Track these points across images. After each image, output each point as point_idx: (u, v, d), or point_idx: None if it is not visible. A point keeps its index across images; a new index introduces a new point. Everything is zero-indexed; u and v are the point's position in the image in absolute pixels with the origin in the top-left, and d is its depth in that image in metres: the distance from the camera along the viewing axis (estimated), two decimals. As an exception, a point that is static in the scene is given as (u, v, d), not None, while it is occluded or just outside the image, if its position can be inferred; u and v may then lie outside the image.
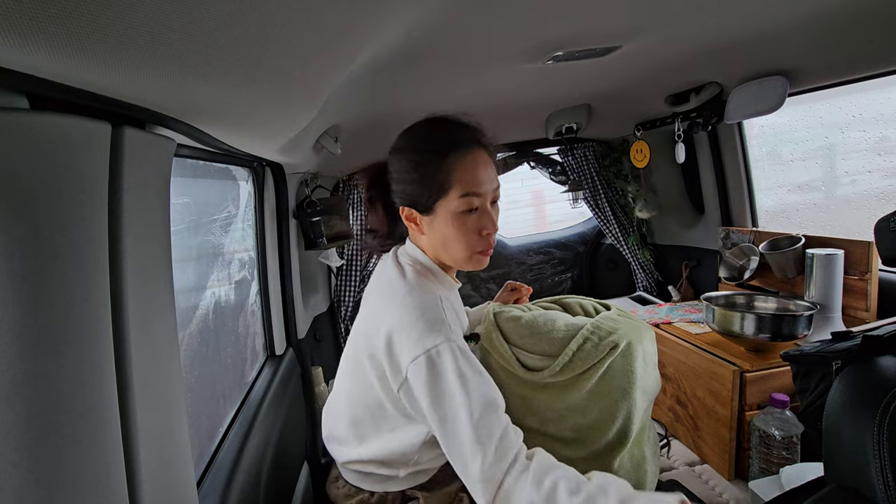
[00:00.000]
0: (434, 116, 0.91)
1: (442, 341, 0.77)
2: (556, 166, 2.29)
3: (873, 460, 0.48)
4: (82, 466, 0.38)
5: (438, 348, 0.77)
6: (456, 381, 0.75)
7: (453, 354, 0.77)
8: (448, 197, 0.84)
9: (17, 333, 0.34)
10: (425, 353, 0.76)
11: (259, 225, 1.39)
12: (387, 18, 0.61)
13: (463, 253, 0.87)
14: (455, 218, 0.84)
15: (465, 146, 0.85)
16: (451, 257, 0.90)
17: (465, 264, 0.90)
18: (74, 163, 0.39)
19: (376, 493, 0.95)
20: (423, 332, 0.78)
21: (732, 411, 1.29)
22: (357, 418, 0.91)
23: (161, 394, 0.51)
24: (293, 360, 1.45)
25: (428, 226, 0.88)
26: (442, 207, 0.85)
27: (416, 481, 0.96)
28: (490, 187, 0.86)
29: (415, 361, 0.77)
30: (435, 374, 0.76)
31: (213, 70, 0.44)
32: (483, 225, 0.86)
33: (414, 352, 0.77)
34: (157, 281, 0.52)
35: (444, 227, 0.85)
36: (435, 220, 0.86)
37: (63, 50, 0.31)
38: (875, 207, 1.46)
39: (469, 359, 0.79)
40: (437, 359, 0.76)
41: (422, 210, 0.87)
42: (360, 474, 0.95)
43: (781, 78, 1.25)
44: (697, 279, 2.08)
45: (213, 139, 0.74)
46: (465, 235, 0.85)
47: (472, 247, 0.87)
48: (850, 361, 0.60)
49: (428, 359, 0.76)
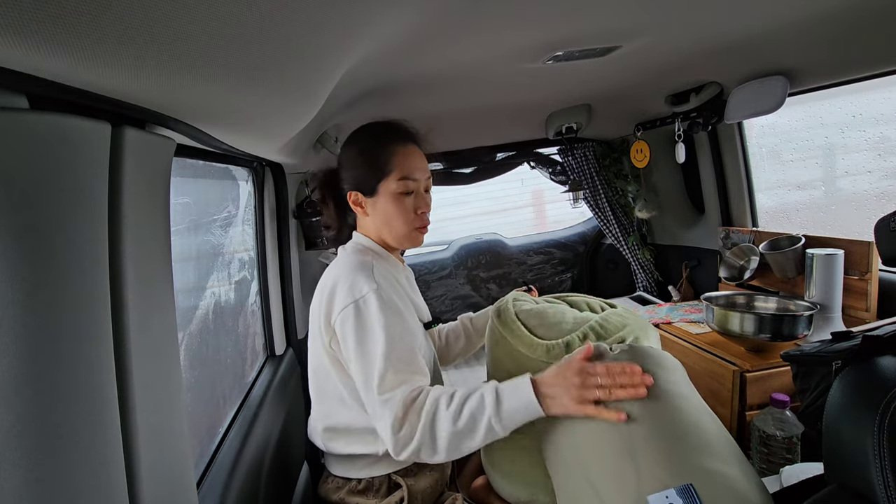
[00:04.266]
0: (380, 119, 1.06)
1: (368, 291, 0.89)
2: (556, 166, 2.29)
3: (873, 460, 0.48)
4: (82, 466, 0.38)
5: (365, 297, 0.89)
6: (378, 324, 0.86)
7: (379, 301, 0.88)
8: (388, 179, 0.98)
9: (17, 333, 0.34)
10: (353, 301, 0.89)
11: (259, 225, 1.40)
12: (387, 18, 0.61)
13: (403, 229, 1.00)
14: (395, 198, 0.98)
15: (403, 140, 1.01)
16: (392, 235, 1.02)
17: (405, 241, 1.03)
18: (74, 163, 0.39)
19: (363, 480, 0.99)
20: (352, 286, 0.90)
21: (732, 411, 1.29)
22: (317, 389, 1.02)
23: (161, 394, 0.51)
24: (293, 360, 1.45)
25: (372, 207, 1.01)
26: (383, 189, 0.98)
27: (400, 464, 0.98)
28: (423, 176, 1.01)
29: (344, 309, 0.89)
30: (360, 319, 0.88)
31: (213, 70, 0.44)
32: (418, 205, 1.01)
33: (344, 301, 0.89)
34: (157, 281, 0.52)
35: (385, 207, 0.99)
36: (378, 201, 1.00)
37: (63, 50, 0.31)
38: (875, 207, 1.46)
39: (391, 308, 0.89)
40: (363, 306, 0.88)
41: (366, 192, 1.00)
42: (345, 460, 0.99)
43: (781, 78, 1.25)
44: (697, 279, 2.08)
45: (213, 139, 0.74)
46: (404, 213, 0.99)
47: (410, 223, 1.00)
48: (850, 361, 0.60)
49: (355, 306, 0.88)
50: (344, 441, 0.98)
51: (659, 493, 0.62)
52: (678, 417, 0.72)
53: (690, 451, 0.67)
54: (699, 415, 0.74)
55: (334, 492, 1.00)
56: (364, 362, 0.86)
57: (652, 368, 0.80)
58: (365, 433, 0.95)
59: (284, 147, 1.09)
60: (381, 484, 0.98)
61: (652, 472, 0.65)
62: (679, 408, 0.74)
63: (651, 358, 0.83)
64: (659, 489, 0.63)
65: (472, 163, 2.20)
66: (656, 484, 0.64)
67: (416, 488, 0.99)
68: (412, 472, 1.00)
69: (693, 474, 0.63)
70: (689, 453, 0.66)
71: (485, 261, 2.48)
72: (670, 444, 0.68)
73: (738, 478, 0.63)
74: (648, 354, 0.84)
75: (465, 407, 0.81)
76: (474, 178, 2.25)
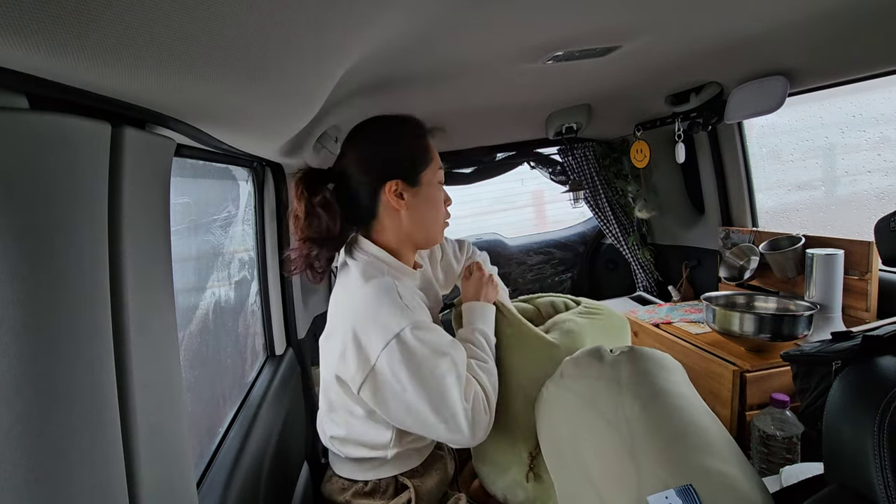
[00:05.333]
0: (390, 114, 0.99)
1: (406, 324, 0.82)
2: (556, 166, 2.29)
3: (873, 460, 0.48)
4: (82, 466, 0.38)
5: (401, 334, 0.81)
6: (431, 355, 0.82)
7: (419, 331, 0.83)
8: (430, 168, 0.94)
9: (17, 333, 0.34)
10: (394, 337, 0.81)
11: (259, 225, 1.39)
12: (387, 18, 0.61)
13: (439, 223, 0.99)
14: (437, 189, 0.96)
15: (428, 132, 0.97)
16: (428, 230, 0.97)
17: (438, 236, 1.00)
18: (74, 163, 0.39)
19: (370, 482, 0.96)
20: (385, 325, 0.82)
21: (732, 411, 1.29)
22: (327, 398, 0.97)
23: (161, 394, 0.51)
24: (293, 360, 1.45)
25: (413, 198, 0.93)
26: (426, 179, 0.93)
27: (407, 465, 0.98)
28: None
29: (387, 347, 0.81)
30: (409, 354, 0.81)
31: (213, 70, 0.44)
32: (446, 197, 1.01)
33: (383, 341, 0.81)
34: (157, 281, 0.52)
35: (429, 197, 0.94)
36: (420, 191, 0.93)
37: (63, 50, 0.31)
38: (875, 207, 1.46)
39: (431, 329, 0.85)
40: (408, 340, 0.81)
41: (411, 181, 0.92)
42: (352, 463, 0.97)
43: (781, 78, 1.25)
44: (697, 279, 2.08)
45: (213, 139, 0.74)
46: (441, 207, 0.98)
47: (444, 216, 1.00)
48: (850, 361, 0.60)
49: (398, 343, 0.81)
50: (351, 447, 0.96)
51: (658, 493, 0.62)
52: (678, 416, 0.72)
53: (691, 450, 0.67)
54: (699, 415, 0.74)
55: (339, 493, 0.98)
56: (431, 400, 0.82)
57: (652, 369, 0.80)
58: (374, 443, 0.94)
59: (284, 147, 1.09)
60: (387, 486, 0.97)
61: (652, 472, 0.65)
62: (679, 407, 0.74)
63: (651, 359, 0.84)
64: (660, 488, 0.63)
65: (472, 163, 2.21)
66: (657, 483, 0.64)
67: (423, 489, 0.98)
68: (419, 472, 1.00)
69: (693, 473, 0.63)
70: (690, 453, 0.67)
71: (485, 261, 2.48)
72: (671, 443, 0.68)
73: (739, 477, 0.64)
74: (649, 355, 0.85)
75: (475, 359, 0.93)
76: (474, 178, 2.25)
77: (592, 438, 0.75)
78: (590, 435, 0.76)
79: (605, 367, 0.83)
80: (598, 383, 0.81)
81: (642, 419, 0.72)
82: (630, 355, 0.84)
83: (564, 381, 0.87)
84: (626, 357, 0.83)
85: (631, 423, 0.72)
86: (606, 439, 0.73)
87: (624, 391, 0.77)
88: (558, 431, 0.84)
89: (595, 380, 0.82)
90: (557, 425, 0.84)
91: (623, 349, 0.87)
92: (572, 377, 0.86)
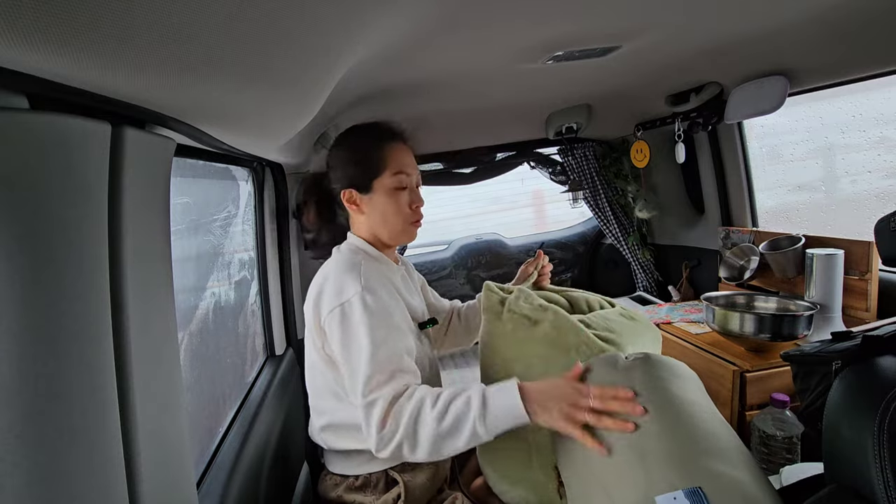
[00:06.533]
0: (369, 121, 1.08)
1: (353, 294, 0.89)
2: (556, 166, 2.29)
3: (873, 460, 0.48)
4: (82, 466, 0.38)
5: (350, 300, 0.89)
6: (362, 327, 0.87)
7: (363, 305, 0.88)
8: (383, 175, 1.00)
9: (16, 333, 0.34)
10: (339, 305, 0.89)
11: (259, 225, 1.40)
12: (386, 18, 0.61)
13: (400, 224, 1.02)
14: (390, 194, 1.01)
15: (394, 138, 1.04)
16: (388, 230, 1.03)
17: (402, 235, 1.05)
18: (74, 163, 0.39)
19: (360, 476, 0.99)
20: (339, 289, 0.91)
21: (732, 411, 1.29)
22: (313, 385, 1.03)
23: (161, 394, 0.51)
24: (293, 360, 1.45)
25: (367, 204, 1.02)
26: (378, 185, 1.01)
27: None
28: (414, 171, 1.04)
29: (330, 312, 0.90)
30: (345, 322, 0.88)
31: (213, 70, 0.44)
32: (413, 199, 1.03)
33: (331, 304, 0.90)
34: (157, 281, 0.52)
35: (381, 203, 1.01)
36: (373, 197, 1.01)
37: (63, 50, 0.31)
38: (875, 207, 1.46)
39: (377, 310, 0.90)
40: (347, 309, 0.89)
41: (361, 189, 1.01)
42: (342, 457, 1.00)
43: (781, 78, 1.25)
44: (697, 279, 2.08)
45: (213, 139, 0.74)
46: (400, 208, 1.01)
47: (406, 218, 1.03)
48: (850, 361, 0.60)
49: (341, 310, 0.89)
50: (340, 436, 0.99)
51: (666, 494, 0.62)
52: (690, 422, 0.72)
53: (701, 454, 0.67)
54: (711, 421, 0.74)
55: (332, 489, 1.01)
56: (350, 365, 0.88)
57: (666, 376, 0.80)
58: (358, 424, 0.95)
59: (284, 147, 1.09)
60: (378, 480, 0.99)
61: (662, 475, 0.65)
62: (691, 413, 0.73)
63: (666, 366, 0.83)
64: (668, 490, 0.63)
65: (471, 163, 2.20)
66: (665, 486, 0.64)
67: (413, 484, 0.99)
68: (409, 467, 1.01)
69: (703, 476, 0.63)
70: (700, 456, 0.66)
71: (485, 261, 2.48)
72: (681, 447, 0.68)
73: (749, 483, 0.63)
74: (663, 363, 0.84)
75: (450, 408, 0.80)
76: (474, 178, 2.25)
77: (603, 441, 0.75)
78: (601, 438, 0.76)
79: (618, 373, 0.82)
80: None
81: (653, 423, 0.72)
82: (644, 362, 0.83)
83: None
84: (640, 364, 0.82)
85: (642, 426, 0.72)
86: (617, 443, 0.73)
87: (636, 397, 0.76)
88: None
89: (608, 385, 0.81)
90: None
91: (638, 356, 0.86)
92: (585, 382, 0.86)
